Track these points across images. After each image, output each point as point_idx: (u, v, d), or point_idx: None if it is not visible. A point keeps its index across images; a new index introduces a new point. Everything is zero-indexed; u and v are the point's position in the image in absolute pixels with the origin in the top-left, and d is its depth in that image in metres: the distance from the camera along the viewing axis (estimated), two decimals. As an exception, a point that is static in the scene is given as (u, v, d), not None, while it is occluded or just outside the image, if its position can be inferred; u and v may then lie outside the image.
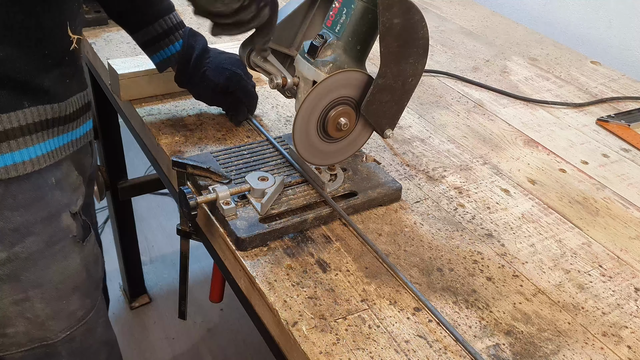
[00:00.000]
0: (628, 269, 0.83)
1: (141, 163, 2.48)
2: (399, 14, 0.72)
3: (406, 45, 0.75)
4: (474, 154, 1.05)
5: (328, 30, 0.79)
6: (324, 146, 0.83)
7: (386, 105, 0.80)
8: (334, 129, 0.81)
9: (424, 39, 0.76)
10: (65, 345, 0.89)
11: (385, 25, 0.73)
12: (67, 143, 0.84)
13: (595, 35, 1.60)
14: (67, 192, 0.84)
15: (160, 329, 1.92)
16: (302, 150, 0.81)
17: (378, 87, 0.77)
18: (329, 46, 0.78)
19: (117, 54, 1.25)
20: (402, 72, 0.78)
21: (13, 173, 0.75)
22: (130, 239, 1.85)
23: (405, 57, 0.76)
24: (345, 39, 0.78)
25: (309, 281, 0.76)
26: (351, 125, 0.81)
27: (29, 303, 0.83)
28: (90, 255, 0.90)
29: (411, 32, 0.75)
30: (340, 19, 0.77)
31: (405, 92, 0.80)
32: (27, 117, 0.75)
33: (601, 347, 0.71)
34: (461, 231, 0.86)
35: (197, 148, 0.98)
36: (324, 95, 0.78)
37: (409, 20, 0.73)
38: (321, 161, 0.85)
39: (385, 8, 0.72)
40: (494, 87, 1.27)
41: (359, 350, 0.67)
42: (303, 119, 0.79)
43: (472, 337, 0.70)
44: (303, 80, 0.81)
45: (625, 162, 1.07)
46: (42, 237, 0.81)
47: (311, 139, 0.81)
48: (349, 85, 0.79)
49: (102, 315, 0.96)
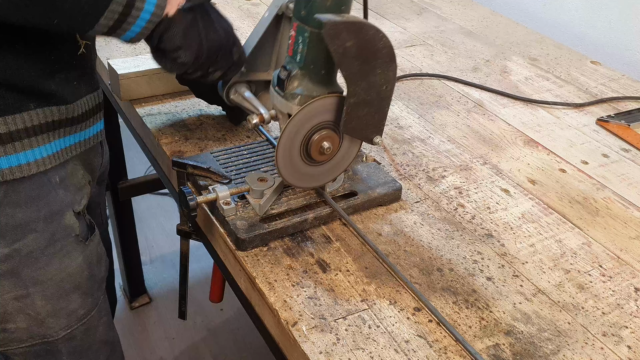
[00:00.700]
0: (628, 269, 0.83)
1: (141, 163, 2.48)
2: (349, 37, 0.71)
3: (369, 61, 0.74)
4: (474, 154, 1.05)
5: (291, 59, 0.78)
6: (313, 170, 0.83)
7: (366, 118, 0.78)
8: (318, 154, 0.80)
9: (386, 47, 0.74)
10: (66, 343, 0.89)
11: (338, 52, 0.71)
12: (74, 144, 0.83)
13: (595, 35, 1.60)
14: (71, 191, 0.84)
15: (160, 329, 1.92)
16: (292, 179, 0.82)
17: (351, 106, 0.76)
18: (295, 77, 0.77)
19: (117, 54, 1.25)
20: (372, 85, 0.76)
21: (18, 174, 0.75)
22: (130, 239, 1.85)
23: (371, 70, 0.74)
24: (307, 68, 0.77)
25: (309, 281, 0.76)
26: (335, 147, 0.81)
27: (30, 300, 0.83)
28: (94, 254, 0.90)
29: (369, 47, 0.73)
30: (298, 48, 0.76)
31: (382, 100, 0.78)
32: (32, 119, 0.75)
33: (601, 347, 0.71)
34: (461, 231, 0.86)
35: (197, 148, 0.98)
36: (299, 127, 0.78)
37: (363, 39, 0.72)
38: (316, 182, 0.85)
39: (332, 37, 0.70)
40: (494, 89, 1.27)
41: (359, 350, 0.67)
42: (284, 152, 0.78)
43: (472, 337, 0.70)
44: (280, 113, 0.81)
45: (625, 162, 1.07)
46: (43, 234, 0.81)
47: (298, 167, 0.81)
48: (323, 111, 0.78)
49: (104, 315, 0.96)
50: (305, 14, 0.74)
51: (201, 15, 0.75)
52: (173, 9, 0.72)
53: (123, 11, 0.67)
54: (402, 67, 1.33)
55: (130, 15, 0.68)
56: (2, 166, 0.74)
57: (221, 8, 0.88)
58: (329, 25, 0.69)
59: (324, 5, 0.73)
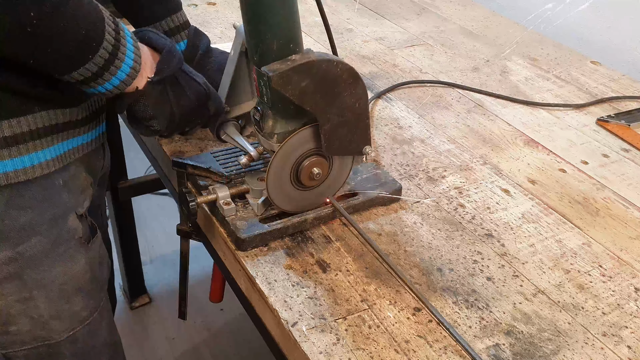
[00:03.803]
0: (628, 269, 0.83)
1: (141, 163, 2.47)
2: (302, 79, 0.71)
3: (330, 90, 0.73)
4: (474, 154, 1.05)
5: (260, 100, 0.78)
6: (309, 194, 0.83)
7: (348, 136, 0.78)
8: (309, 180, 0.81)
9: (345, 70, 0.73)
10: (68, 345, 0.89)
11: (295, 95, 0.71)
12: (77, 146, 0.83)
13: (595, 35, 1.60)
14: (74, 193, 0.84)
15: (160, 329, 1.92)
16: (288, 207, 0.83)
17: (328, 132, 0.76)
18: (267, 117, 0.78)
19: (117, 54, 1.24)
20: (343, 107, 0.76)
21: (22, 177, 0.75)
22: (130, 239, 1.85)
23: (337, 96, 0.74)
24: (276, 107, 0.76)
25: (309, 281, 0.76)
26: (325, 170, 0.81)
27: (33, 302, 0.83)
28: (96, 257, 0.90)
29: (327, 79, 0.73)
30: (263, 90, 0.75)
31: (360, 115, 0.78)
32: (37, 122, 0.75)
33: (601, 347, 0.71)
34: (461, 231, 0.86)
35: (197, 148, 0.98)
36: (285, 160, 0.78)
37: (316, 75, 0.72)
38: (315, 203, 0.85)
39: (284, 85, 0.71)
40: (494, 93, 1.27)
41: (359, 351, 0.67)
42: (275, 185, 0.79)
43: (472, 337, 0.70)
44: (265, 148, 0.82)
45: (625, 162, 1.07)
46: (47, 237, 0.81)
47: (292, 195, 0.82)
48: (303, 142, 0.78)
49: (106, 316, 0.96)
50: (258, 60, 0.74)
51: (171, 85, 0.78)
52: (142, 82, 0.75)
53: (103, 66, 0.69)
54: (402, 68, 1.33)
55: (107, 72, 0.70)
56: (7, 169, 0.74)
57: (220, 8, 0.89)
58: (275, 78, 0.70)
59: (271, 51, 0.72)
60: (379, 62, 1.35)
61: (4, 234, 0.77)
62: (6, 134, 0.72)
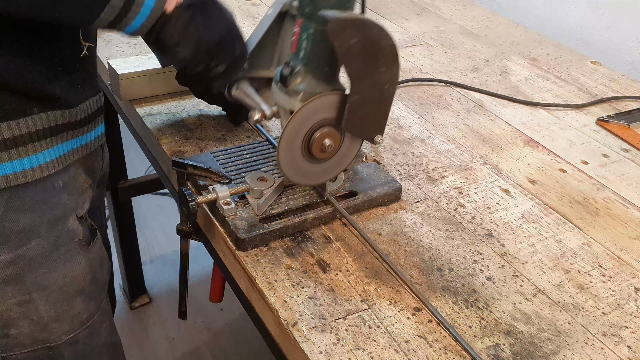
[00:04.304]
0: (628, 269, 0.83)
1: (141, 163, 2.48)
2: (353, 35, 0.70)
3: (372, 58, 0.73)
4: (474, 154, 1.05)
5: (294, 56, 0.78)
6: (314, 168, 0.82)
7: (368, 117, 0.78)
8: (319, 151, 0.80)
9: (390, 46, 0.73)
10: (69, 347, 0.89)
11: (342, 48, 0.71)
12: (76, 148, 0.83)
13: (595, 35, 1.60)
14: (74, 195, 0.84)
15: (160, 329, 1.92)
16: (293, 176, 0.81)
17: (354, 104, 0.76)
18: (298, 73, 0.77)
19: (117, 54, 1.25)
20: (375, 83, 0.75)
21: (22, 180, 0.75)
22: (130, 239, 1.85)
23: (375, 68, 0.74)
24: (311, 65, 0.76)
25: (309, 281, 0.76)
26: (336, 144, 0.81)
27: (33, 305, 0.83)
28: (96, 258, 0.90)
29: (373, 45, 0.72)
30: (302, 45, 0.75)
31: (384, 99, 0.78)
32: (36, 124, 0.74)
33: (601, 347, 0.71)
34: (461, 231, 0.86)
35: (197, 148, 0.98)
36: (302, 124, 0.77)
37: (367, 36, 0.71)
38: (317, 180, 0.84)
39: (337, 34, 0.70)
40: (493, 92, 1.27)
41: (359, 350, 0.67)
42: (286, 149, 0.78)
43: (472, 337, 0.70)
44: (282, 109, 0.81)
45: (625, 162, 1.07)
46: (47, 239, 0.81)
47: (299, 164, 0.81)
48: (325, 108, 0.78)
49: (106, 318, 0.96)
50: (309, 11, 0.74)
51: (200, 11, 0.76)
52: (171, 5, 0.72)
53: (124, 6, 0.67)
54: (402, 68, 1.33)
55: (131, 10, 0.68)
56: (6, 171, 0.74)
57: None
58: (333, 22, 0.69)
59: (328, 3, 0.73)
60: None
61: (3, 236, 0.77)
62: (5, 136, 0.72)
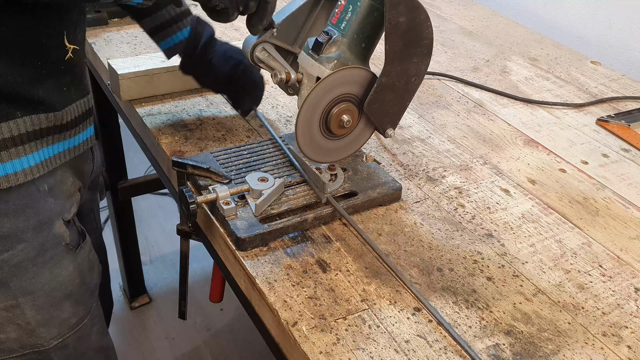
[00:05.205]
0: (628, 269, 0.83)
1: (141, 163, 2.48)
2: (405, 13, 0.73)
3: (411, 45, 0.76)
4: (474, 154, 1.05)
5: (333, 27, 0.79)
6: (325, 143, 0.83)
7: (389, 104, 0.80)
8: (336, 126, 0.80)
9: (429, 39, 0.76)
10: (58, 352, 0.88)
11: (391, 22, 0.73)
12: (63, 151, 0.82)
13: (595, 35, 1.60)
14: (60, 199, 0.83)
15: (160, 329, 1.92)
16: (304, 146, 0.81)
17: (381, 86, 0.77)
18: (334, 43, 0.78)
19: (117, 54, 1.25)
20: (405, 72, 0.78)
21: (5, 184, 0.74)
22: (130, 239, 1.85)
23: (409, 56, 0.77)
24: (350, 36, 0.78)
25: (309, 281, 0.76)
26: (353, 122, 0.81)
27: (20, 310, 0.82)
28: (85, 262, 0.89)
29: (416, 31, 0.75)
30: (346, 16, 0.77)
31: (408, 92, 0.80)
32: (19, 127, 0.73)
33: (601, 347, 0.71)
34: (461, 231, 0.86)
35: (197, 148, 0.98)
36: (327, 91, 0.78)
37: (414, 20, 0.74)
38: (322, 158, 0.84)
39: (392, 6, 0.72)
40: (494, 89, 1.27)
41: (359, 350, 0.67)
42: (306, 114, 0.78)
43: (472, 337, 0.70)
44: (307, 77, 0.81)
45: (625, 162, 1.07)
46: (32, 244, 0.80)
47: (313, 135, 0.81)
48: (352, 82, 0.79)
49: (97, 322, 0.94)
50: None
51: None
52: None
53: None
54: (402, 67, 1.33)
55: None
56: None
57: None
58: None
59: None
60: (379, 62, 1.35)
61: None
62: None
